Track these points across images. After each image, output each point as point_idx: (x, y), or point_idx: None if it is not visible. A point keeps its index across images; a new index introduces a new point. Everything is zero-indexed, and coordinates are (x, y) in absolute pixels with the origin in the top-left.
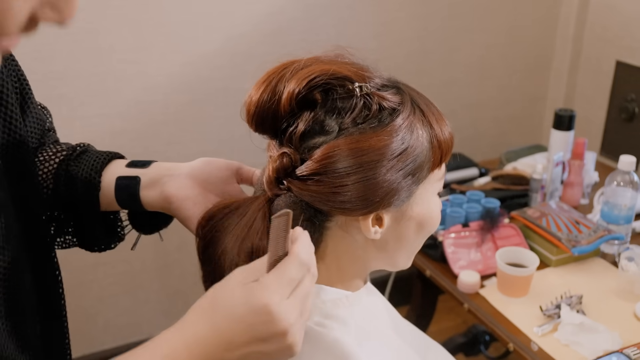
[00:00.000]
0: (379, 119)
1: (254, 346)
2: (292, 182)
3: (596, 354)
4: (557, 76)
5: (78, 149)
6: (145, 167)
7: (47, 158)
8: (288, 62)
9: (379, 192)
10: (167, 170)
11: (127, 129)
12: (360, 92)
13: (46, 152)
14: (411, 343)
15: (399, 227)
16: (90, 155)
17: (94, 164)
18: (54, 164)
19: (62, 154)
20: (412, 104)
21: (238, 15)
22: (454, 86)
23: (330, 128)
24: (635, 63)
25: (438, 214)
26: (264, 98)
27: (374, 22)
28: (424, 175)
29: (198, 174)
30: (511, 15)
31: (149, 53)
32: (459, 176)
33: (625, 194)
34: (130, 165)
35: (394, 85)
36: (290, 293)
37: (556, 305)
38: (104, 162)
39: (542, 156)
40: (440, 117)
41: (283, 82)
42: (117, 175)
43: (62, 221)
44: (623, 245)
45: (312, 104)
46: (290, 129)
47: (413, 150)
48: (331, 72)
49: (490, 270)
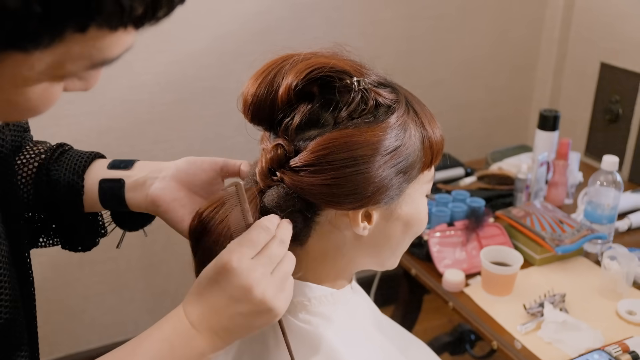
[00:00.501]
0: (374, 115)
1: (232, 307)
2: (286, 173)
3: (578, 352)
4: (542, 77)
5: (57, 150)
6: (129, 168)
7: (25, 162)
8: (287, 55)
9: (370, 187)
10: (151, 172)
11: (113, 128)
12: (358, 86)
13: (24, 155)
14: (393, 340)
15: (387, 226)
16: (70, 157)
17: (75, 167)
18: (33, 168)
19: (41, 157)
20: (406, 104)
21: (225, 14)
22: (441, 87)
23: (326, 121)
24: (620, 65)
25: (425, 215)
26: (262, 89)
27: (362, 22)
28: (415, 175)
29: (183, 176)
30: (498, 17)
31: (135, 51)
32: (445, 176)
33: (608, 193)
34: (112, 167)
35: (390, 85)
36: (255, 254)
37: (540, 304)
38: (86, 164)
39: (527, 156)
40: (432, 119)
41: (281, 74)
42: (100, 178)
43: (44, 222)
44: (606, 245)
45: (310, 96)
46: (286, 120)
47: (406, 148)
48: (330, 65)
49: (475, 269)
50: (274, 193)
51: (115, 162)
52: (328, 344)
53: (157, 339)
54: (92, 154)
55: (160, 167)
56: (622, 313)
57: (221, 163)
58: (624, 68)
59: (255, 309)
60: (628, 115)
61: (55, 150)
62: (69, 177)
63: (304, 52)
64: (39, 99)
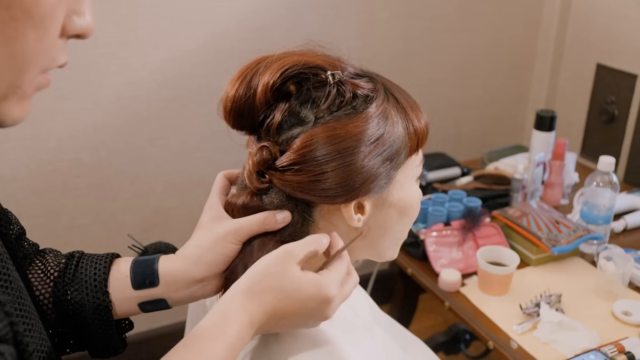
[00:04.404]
0: (354, 107)
1: (303, 320)
2: (274, 174)
3: (574, 352)
4: (538, 78)
5: (70, 267)
6: (155, 285)
7: (40, 280)
8: (261, 58)
9: (358, 178)
10: (178, 285)
11: (109, 124)
12: (333, 79)
13: (35, 271)
14: (394, 337)
15: (381, 214)
16: (84, 274)
17: (96, 283)
18: (48, 287)
19: (54, 275)
20: (385, 92)
21: (222, 12)
22: (437, 86)
23: (307, 118)
24: (616, 66)
25: (418, 200)
26: (240, 93)
27: (359, 22)
28: (402, 161)
29: (206, 268)
30: (494, 17)
31: (132, 48)
32: (441, 175)
33: (604, 194)
34: (138, 287)
35: (366, 75)
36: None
37: (536, 304)
38: (104, 281)
39: (523, 156)
40: (414, 104)
41: (257, 75)
42: (134, 301)
43: (67, 336)
44: (602, 245)
45: (287, 95)
46: (267, 120)
47: (389, 136)
48: (303, 62)
49: (471, 268)
50: (274, 198)
51: (135, 278)
52: (329, 339)
53: (226, 344)
54: (107, 263)
55: (181, 273)
56: (617, 314)
57: (221, 184)
58: (620, 69)
59: (322, 317)
60: (624, 116)
61: (67, 266)
62: (93, 296)
63: (277, 52)
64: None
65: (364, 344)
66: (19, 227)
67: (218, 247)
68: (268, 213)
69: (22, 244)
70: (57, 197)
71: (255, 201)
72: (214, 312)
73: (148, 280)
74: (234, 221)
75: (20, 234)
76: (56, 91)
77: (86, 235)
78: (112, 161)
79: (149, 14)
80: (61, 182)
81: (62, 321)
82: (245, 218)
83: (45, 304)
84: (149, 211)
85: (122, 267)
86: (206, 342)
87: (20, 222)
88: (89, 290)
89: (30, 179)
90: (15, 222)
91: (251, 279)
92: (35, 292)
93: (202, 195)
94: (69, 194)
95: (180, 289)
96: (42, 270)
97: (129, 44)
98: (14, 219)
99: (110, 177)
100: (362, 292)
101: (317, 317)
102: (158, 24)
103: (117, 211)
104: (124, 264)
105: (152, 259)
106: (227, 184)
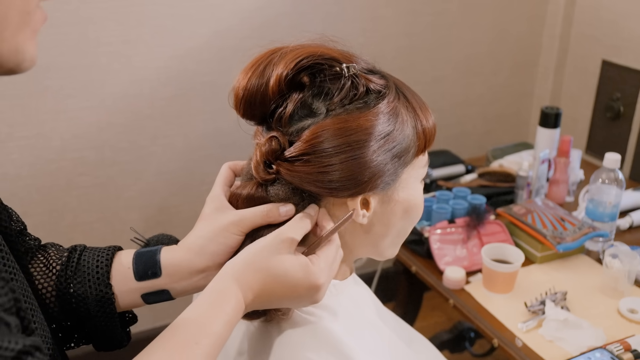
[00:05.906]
0: (365, 101)
1: (294, 301)
2: (282, 164)
3: (580, 350)
4: (543, 74)
5: (72, 260)
6: (158, 275)
7: (42, 274)
8: (275, 48)
9: (366, 172)
10: (180, 276)
11: (113, 123)
12: (348, 72)
13: (38, 264)
14: (398, 333)
15: (385, 212)
16: (87, 266)
17: (98, 275)
18: (51, 281)
19: (56, 269)
20: (396, 90)
21: (225, 9)
22: (442, 83)
23: (318, 110)
24: (621, 62)
25: (422, 201)
26: (252, 82)
27: (362, 18)
28: (409, 160)
29: (208, 259)
30: (499, 13)
31: (135, 46)
32: (445, 173)
33: (610, 191)
34: (140, 278)
35: (379, 72)
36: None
37: (541, 302)
38: (107, 273)
39: (528, 153)
40: (423, 104)
41: (271, 66)
42: (137, 292)
43: (70, 330)
44: (607, 243)
45: (300, 86)
46: (279, 110)
47: (399, 133)
48: (319, 53)
49: (476, 266)
50: (280, 190)
51: (137, 268)
52: (334, 335)
53: (224, 321)
54: (108, 259)
55: (183, 264)
56: (623, 311)
57: (225, 176)
58: (626, 65)
59: (311, 301)
60: (629, 112)
61: (69, 260)
62: (96, 290)
63: (291, 44)
64: None
65: (369, 340)
66: (20, 222)
67: (220, 237)
68: (272, 205)
69: (24, 239)
70: (61, 195)
71: (260, 192)
72: (208, 290)
73: (150, 271)
74: (237, 212)
75: (22, 229)
76: (60, 90)
77: (90, 233)
78: (115, 160)
79: (152, 12)
80: (65, 180)
81: (65, 315)
82: (248, 209)
83: (48, 297)
84: (152, 209)
85: (124, 259)
86: (205, 319)
87: (24, 220)
88: (91, 282)
89: (34, 178)
90: (17, 219)
91: (242, 261)
92: (37, 285)
93: (206, 194)
94: (72, 193)
95: (182, 279)
96: (45, 264)
97: (132, 42)
98: (15, 215)
99: (114, 175)
100: (366, 289)
101: (306, 301)
102: (161, 22)
103: (121, 209)
104: (126, 256)
105: (155, 250)
106: (231, 176)
